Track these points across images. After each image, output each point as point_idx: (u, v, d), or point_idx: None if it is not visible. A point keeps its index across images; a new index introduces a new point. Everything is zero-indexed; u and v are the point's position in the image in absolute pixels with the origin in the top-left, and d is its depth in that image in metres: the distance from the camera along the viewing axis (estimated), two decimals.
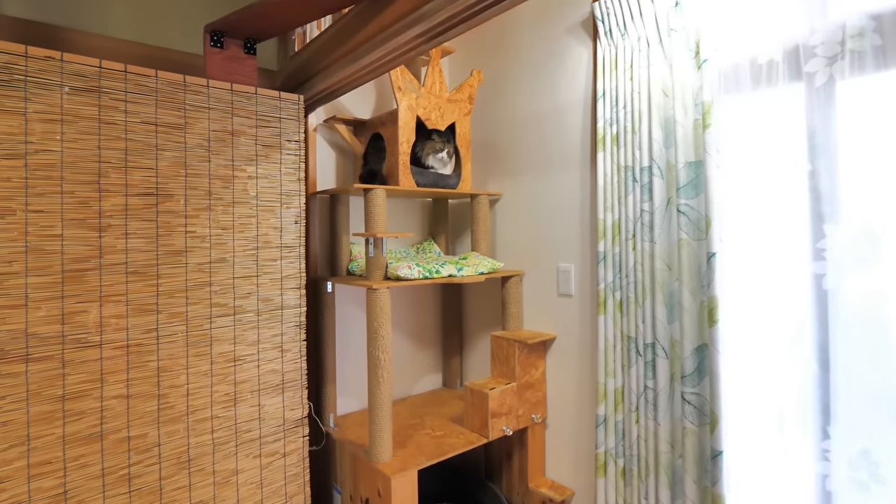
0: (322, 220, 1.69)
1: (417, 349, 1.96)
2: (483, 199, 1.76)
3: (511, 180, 1.79)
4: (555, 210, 1.65)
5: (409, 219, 1.93)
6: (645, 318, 1.38)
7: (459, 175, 1.70)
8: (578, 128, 1.58)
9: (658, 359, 1.37)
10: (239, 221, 1.27)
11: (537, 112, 1.70)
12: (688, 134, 1.32)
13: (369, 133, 1.66)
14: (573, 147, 1.59)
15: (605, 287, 1.46)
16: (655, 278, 1.35)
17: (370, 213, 1.44)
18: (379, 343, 1.36)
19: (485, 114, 1.89)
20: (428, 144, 1.59)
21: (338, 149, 1.74)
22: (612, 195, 1.45)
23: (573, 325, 1.61)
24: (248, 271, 1.29)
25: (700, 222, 1.30)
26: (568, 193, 1.61)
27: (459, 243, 2.00)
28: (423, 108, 1.58)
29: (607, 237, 1.46)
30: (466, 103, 1.71)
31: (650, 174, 1.37)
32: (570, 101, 1.60)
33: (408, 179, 1.54)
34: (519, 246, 1.76)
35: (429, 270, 1.48)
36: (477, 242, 1.76)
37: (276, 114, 1.33)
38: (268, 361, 1.33)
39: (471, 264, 1.61)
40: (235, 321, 1.27)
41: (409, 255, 1.85)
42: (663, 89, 1.36)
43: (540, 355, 1.67)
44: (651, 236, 1.37)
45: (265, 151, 1.31)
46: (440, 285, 2.00)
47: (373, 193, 1.43)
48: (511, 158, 1.80)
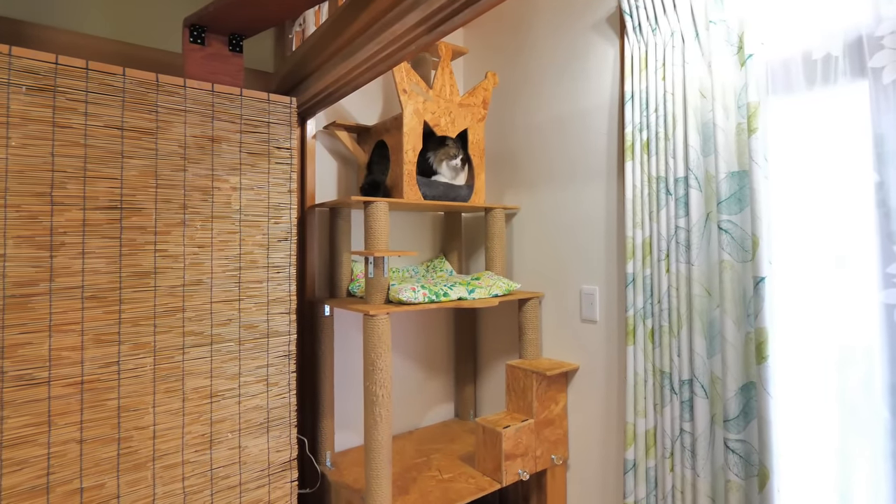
0: (321, 236, 1.55)
1: (427, 377, 1.78)
2: (498, 213, 1.59)
3: (529, 193, 1.63)
4: (577, 226, 1.48)
5: (418, 234, 1.78)
6: (681, 350, 1.20)
7: (472, 187, 1.55)
8: (604, 134, 1.41)
9: (696, 398, 1.18)
10: (219, 238, 1.12)
11: (558, 117, 1.54)
12: (730, 140, 1.15)
13: (373, 141, 1.52)
14: (598, 156, 1.43)
15: (635, 314, 1.28)
16: (693, 305, 1.18)
17: (371, 228, 1.29)
18: (377, 377, 1.19)
19: (500, 120, 1.74)
20: (441, 151, 1.44)
21: (339, 158, 1.60)
22: (643, 210, 1.28)
23: (598, 356, 1.42)
24: (229, 295, 1.14)
25: (745, 241, 1.12)
26: (592, 208, 1.44)
27: (474, 261, 1.84)
28: (432, 112, 1.43)
29: (637, 257, 1.28)
30: (480, 108, 1.57)
31: (686, 186, 1.20)
32: (594, 105, 1.44)
33: (413, 191, 1.39)
34: (538, 265, 1.59)
35: (435, 293, 1.31)
36: (491, 261, 1.59)
37: (263, 118, 1.19)
38: (251, 397, 1.16)
39: (484, 285, 1.44)
40: (213, 352, 1.11)
41: (418, 273, 1.69)
42: (700, 90, 1.20)
43: (560, 388, 1.49)
44: (687, 257, 1.19)
45: (251, 160, 1.17)
46: (452, 307, 1.83)
47: (374, 207, 1.28)
48: (529, 169, 1.64)
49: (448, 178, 1.49)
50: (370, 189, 1.37)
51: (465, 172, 1.56)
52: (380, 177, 1.46)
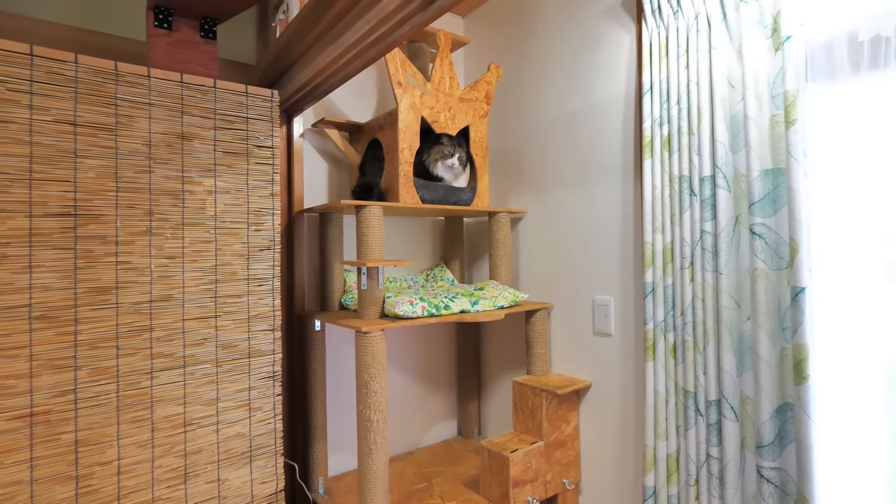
0: (310, 244, 1.43)
1: (428, 392, 1.66)
2: (503, 217, 1.47)
3: (537, 195, 1.51)
4: (590, 231, 1.36)
5: (417, 241, 1.65)
6: (707, 367, 1.08)
7: (475, 189, 1.42)
8: (619, 130, 1.29)
9: (725, 421, 1.06)
10: (191, 248, 1.00)
11: (568, 113, 1.42)
12: (763, 134, 1.03)
13: (366, 140, 1.40)
14: (613, 154, 1.30)
15: (655, 327, 1.16)
16: (721, 318, 1.05)
17: (363, 235, 1.17)
18: (371, 400, 1.07)
19: (505, 116, 1.62)
20: (435, 149, 1.32)
21: (330, 158, 1.48)
22: (664, 213, 1.16)
23: (613, 372, 1.30)
24: (204, 311, 1.02)
25: (781, 247, 1.00)
26: (606, 211, 1.32)
27: (477, 269, 1.72)
28: (430, 108, 1.31)
29: (657, 265, 1.16)
30: (482, 103, 1.44)
31: (713, 186, 1.08)
32: (608, 98, 1.32)
33: (410, 194, 1.26)
34: (546, 274, 1.47)
35: (435, 306, 1.19)
36: (496, 269, 1.47)
37: (241, 113, 1.07)
38: (230, 424, 1.05)
39: (488, 296, 1.32)
40: (186, 375, 0.99)
41: (417, 283, 1.57)
42: (729, 78, 1.08)
43: (572, 406, 1.36)
44: (715, 265, 1.07)
45: (227, 160, 1.05)
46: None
47: (366, 212, 1.16)
48: (536, 169, 1.51)
49: (447, 180, 1.37)
50: (362, 192, 1.25)
51: (466, 173, 1.44)
52: (373, 179, 1.34)
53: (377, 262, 1.13)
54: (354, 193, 1.27)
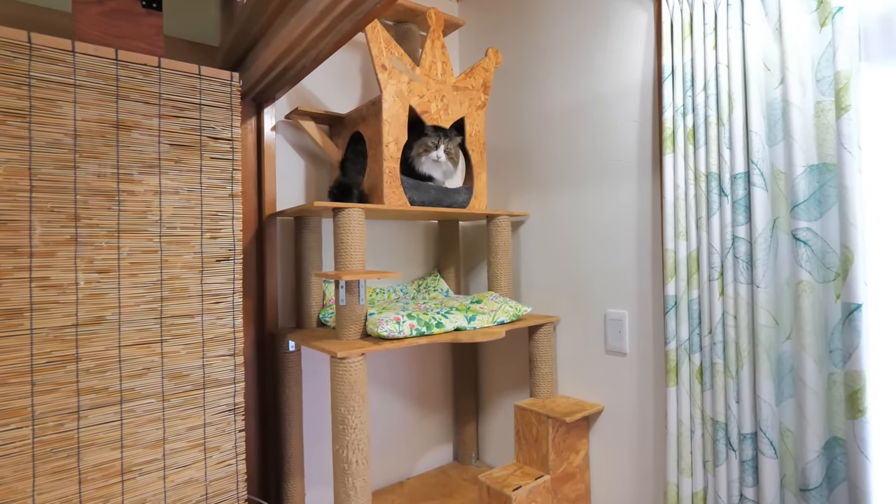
0: (285, 251, 1.26)
1: (422, 415, 1.50)
2: (503, 221, 1.31)
3: (541, 196, 1.35)
4: (602, 236, 1.20)
5: (408, 247, 1.49)
6: (740, 395, 0.93)
7: (471, 190, 1.26)
8: (635, 122, 1.14)
9: (762, 457, 0.91)
10: (130, 260, 0.84)
11: (577, 103, 1.26)
12: (808, 123, 0.88)
13: (348, 133, 1.24)
14: (628, 149, 1.15)
15: (678, 347, 1.00)
16: (757, 338, 0.91)
17: (341, 242, 1.01)
18: (349, 438, 0.91)
19: (505, 107, 1.46)
20: (418, 143, 1.16)
21: (308, 155, 1.31)
22: (688, 216, 1.01)
23: (628, 396, 1.14)
24: (146, 335, 0.85)
25: (829, 256, 0.86)
26: (621, 213, 1.16)
27: (474, 278, 1.56)
28: (420, 96, 1.15)
29: (680, 276, 1.01)
30: (479, 92, 1.28)
31: (747, 184, 0.93)
32: (622, 86, 1.16)
33: (397, 195, 1.10)
34: (552, 284, 1.31)
35: (426, 323, 1.03)
36: (495, 279, 1.31)
37: (193, 98, 0.91)
38: (181, 468, 0.88)
39: (487, 310, 1.16)
40: (123, 413, 0.82)
41: (408, 294, 1.40)
42: (765, 60, 0.93)
43: (581, 433, 1.21)
44: (749, 276, 0.92)
45: (176, 153, 0.89)
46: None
47: (344, 216, 1.00)
48: (540, 167, 1.36)
49: (438, 179, 1.21)
50: (339, 193, 1.08)
51: (460, 172, 1.27)
52: (355, 177, 1.17)
53: (357, 273, 0.96)
54: (331, 194, 1.11)
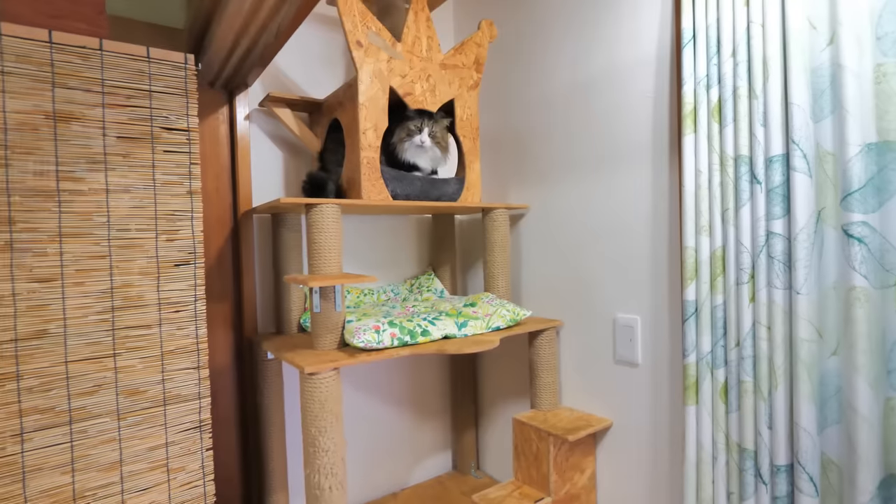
0: (262, 251, 1.17)
1: (418, 421, 1.41)
2: (500, 215, 1.19)
3: (542, 186, 1.22)
4: (611, 231, 1.06)
5: (400, 243, 1.39)
6: (773, 419, 0.79)
7: (462, 181, 1.14)
8: (649, 98, 0.99)
9: (801, 495, 0.79)
10: (76, 267, 0.76)
11: (582, 80, 1.11)
12: (866, 91, 0.72)
13: (327, 121, 1.13)
14: (641, 130, 1.00)
15: (699, 360, 0.87)
16: (795, 354, 0.77)
17: (315, 242, 0.91)
18: (320, 462, 0.82)
19: (501, 87, 1.32)
20: (400, 128, 1.04)
21: (286, 146, 1.21)
22: (712, 207, 0.86)
23: (640, 412, 1.01)
24: (97, 349, 0.77)
25: (890, 256, 0.71)
26: (632, 205, 1.02)
27: (472, 276, 1.44)
28: (402, 76, 1.03)
29: (701, 278, 0.87)
30: (471, 71, 1.15)
31: (786, 168, 0.78)
32: (634, 57, 1.01)
33: (377, 188, 0.99)
34: (555, 284, 1.18)
35: (410, 332, 0.92)
36: (491, 279, 1.19)
37: (142, 84, 0.81)
38: (142, 492, 0.81)
39: (480, 314, 1.05)
40: (74, 434, 0.76)
41: (399, 295, 1.30)
42: (809, 16, 0.77)
43: (587, 450, 1.09)
44: (787, 279, 0.78)
45: (125, 147, 0.80)
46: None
47: (317, 213, 0.90)
48: (542, 153, 1.22)
49: (424, 168, 1.09)
50: (311, 188, 0.98)
51: (450, 160, 1.15)
52: (335, 169, 1.07)
53: (327, 279, 0.86)
54: (303, 189, 1.00)
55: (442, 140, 1.11)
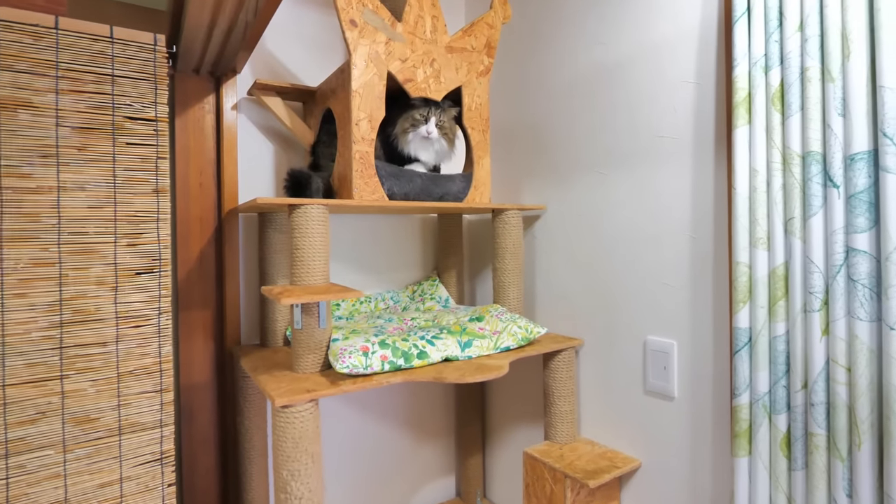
0: (248, 254, 1.07)
1: (418, 443, 1.29)
2: (512, 217, 1.05)
3: (560, 185, 1.07)
4: (642, 238, 0.91)
5: (402, 244, 1.27)
6: (856, 486, 0.64)
7: (470, 178, 1.01)
8: (690, 83, 0.83)
9: None
10: (18, 276, 0.66)
11: (609, 63, 0.97)
12: None
13: (320, 111, 1.01)
14: (679, 122, 0.85)
15: (753, 402, 0.71)
16: (888, 405, 0.61)
17: (297, 249, 0.79)
18: None
19: (515, 75, 1.18)
20: (403, 118, 0.92)
21: (278, 139, 1.10)
22: (772, 215, 0.71)
23: (676, 455, 0.86)
24: (41, 370, 0.67)
25: None
26: (668, 209, 0.87)
27: (481, 282, 1.31)
28: (402, 60, 0.90)
29: (757, 300, 0.71)
30: (482, 55, 1.02)
31: (873, 169, 0.63)
32: (671, 36, 0.86)
33: (370, 187, 0.87)
34: (574, 296, 1.04)
35: (403, 353, 0.80)
36: (502, 289, 1.06)
37: (104, 68, 0.71)
38: None
39: (488, 331, 0.92)
40: (10, 470, 0.66)
41: (400, 304, 1.18)
42: None
43: (610, 495, 0.94)
44: (874, 309, 0.63)
45: (81, 139, 0.70)
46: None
47: (300, 215, 0.78)
48: (561, 147, 1.08)
49: (426, 162, 0.96)
50: (292, 186, 0.86)
51: (454, 153, 1.02)
52: (327, 164, 0.95)
53: (308, 293, 0.74)
54: (285, 188, 0.89)
55: (450, 132, 0.98)
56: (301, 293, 0.73)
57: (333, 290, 0.76)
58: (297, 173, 0.86)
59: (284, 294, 0.72)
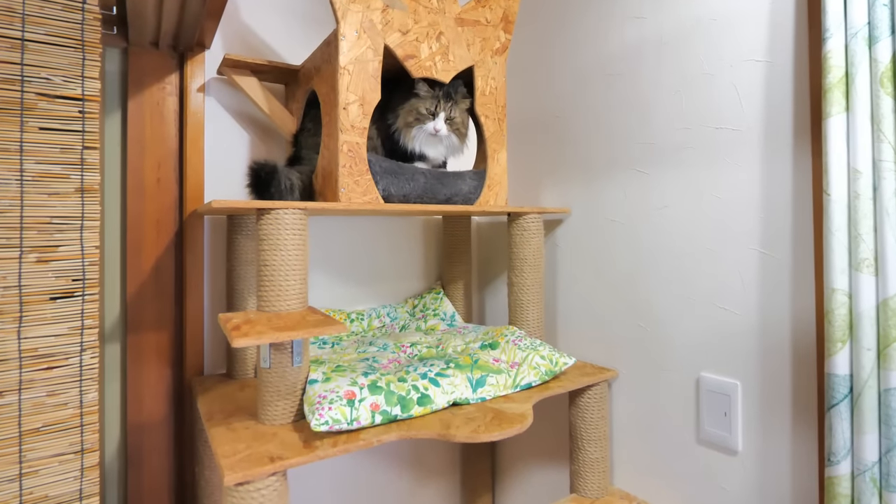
0: (215, 264, 0.89)
1: (419, 480, 1.12)
2: (531, 222, 0.88)
3: (589, 185, 0.91)
4: (693, 250, 0.75)
5: (401, 249, 1.10)
6: None
7: (482, 175, 0.84)
8: (758, 63, 0.67)
9: None
10: None
11: (650, 39, 0.80)
12: None
13: (304, 94, 0.84)
14: (745, 110, 0.68)
15: (856, 475, 0.55)
16: None
17: (266, 263, 0.63)
18: None
19: (536, 54, 1.01)
20: (406, 106, 0.75)
21: (255, 127, 0.93)
22: (881, 229, 0.55)
23: None
24: None
25: None
26: (729, 217, 0.70)
27: (492, 294, 1.14)
28: (402, 31, 0.73)
29: (861, 340, 0.55)
30: (498, 30, 0.85)
31: None
32: (732, 5, 0.69)
33: (360, 186, 0.70)
34: (606, 318, 0.87)
35: (401, 399, 0.63)
36: (519, 308, 0.89)
37: (10, 29, 0.54)
38: None
39: (504, 363, 0.75)
40: None
41: (398, 321, 1.02)
42: None
43: None
44: None
45: None
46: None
47: (269, 222, 0.61)
48: (590, 141, 0.91)
49: (432, 158, 0.79)
50: (256, 183, 0.69)
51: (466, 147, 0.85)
52: (310, 156, 0.78)
53: (275, 327, 0.57)
54: (247, 186, 0.71)
55: (462, 126, 0.82)
56: (263, 328, 0.56)
57: (307, 323, 0.59)
58: (259, 167, 0.68)
59: (240, 331, 0.54)
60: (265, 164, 0.68)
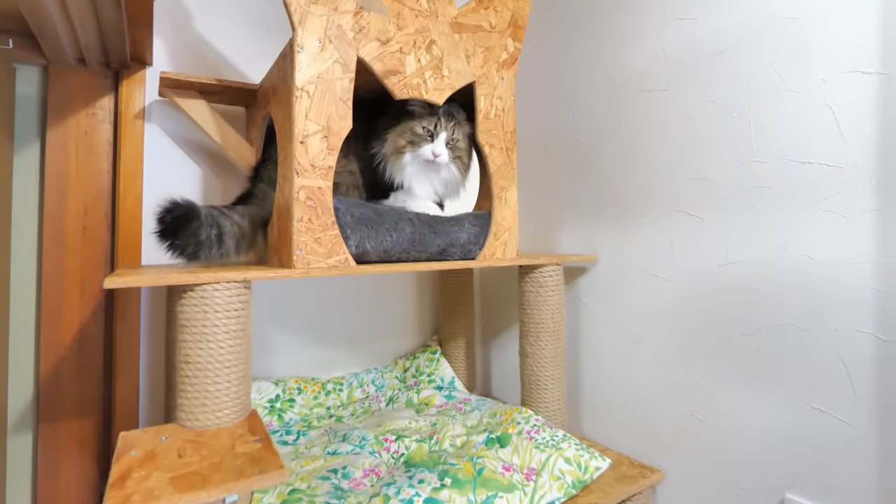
0: (154, 333, 0.72)
1: None
2: (549, 276, 0.70)
3: (620, 228, 0.73)
4: (771, 323, 0.56)
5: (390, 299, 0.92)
6: None
7: (487, 221, 0.66)
8: (867, 75, 0.48)
9: None
10: None
11: (700, 49, 0.63)
12: None
13: (262, 120, 0.68)
14: (847, 137, 0.50)
15: None
16: None
17: (188, 362, 0.45)
18: None
19: (553, 69, 0.84)
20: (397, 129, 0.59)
21: (211, 159, 0.77)
22: None
23: None
24: None
25: None
26: (823, 278, 0.52)
27: (499, 352, 0.96)
28: (382, 40, 0.56)
29: None
30: (505, 38, 0.67)
31: None
32: (821, 1, 0.51)
33: (322, 243, 0.53)
34: (647, 402, 0.68)
35: None
36: (534, 385, 0.70)
37: None
38: None
39: (517, 468, 0.57)
40: None
41: (383, 391, 0.84)
42: None
43: None
44: None
45: None
46: None
47: (191, 301, 0.44)
48: (621, 175, 0.73)
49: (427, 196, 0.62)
50: (167, 231, 0.49)
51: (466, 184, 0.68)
52: (266, 195, 0.61)
53: (183, 488, 0.40)
54: (155, 233, 0.51)
55: (464, 154, 0.65)
56: (162, 486, 0.38)
57: (231, 469, 0.41)
58: (168, 209, 0.48)
59: (123, 490, 0.37)
60: (178, 205, 0.49)
